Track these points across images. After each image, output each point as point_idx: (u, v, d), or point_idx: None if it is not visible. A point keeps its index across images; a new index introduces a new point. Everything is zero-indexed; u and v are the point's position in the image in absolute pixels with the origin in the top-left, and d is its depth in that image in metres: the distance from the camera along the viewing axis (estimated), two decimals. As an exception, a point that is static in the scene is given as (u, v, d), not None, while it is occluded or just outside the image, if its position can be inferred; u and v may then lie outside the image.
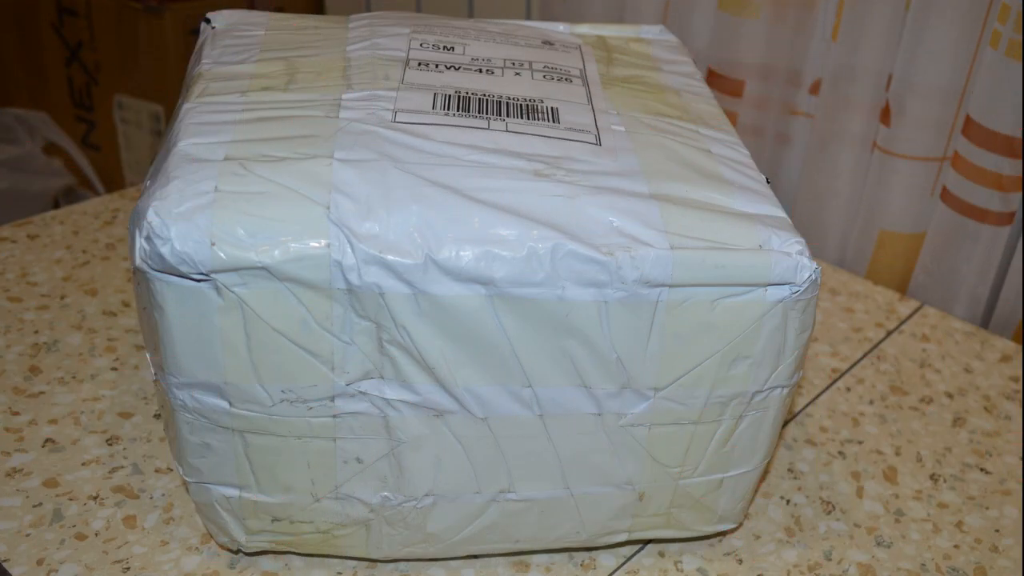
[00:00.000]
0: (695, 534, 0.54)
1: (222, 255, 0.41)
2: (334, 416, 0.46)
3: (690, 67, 0.61)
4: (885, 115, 0.80)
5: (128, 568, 0.52)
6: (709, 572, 0.54)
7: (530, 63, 0.56)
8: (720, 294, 0.45)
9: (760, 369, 0.47)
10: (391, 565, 0.53)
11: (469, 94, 0.51)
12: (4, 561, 0.51)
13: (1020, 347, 0.75)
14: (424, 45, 0.56)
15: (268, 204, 0.42)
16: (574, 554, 0.55)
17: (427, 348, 0.44)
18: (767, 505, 0.59)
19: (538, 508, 0.50)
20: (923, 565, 0.56)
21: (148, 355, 0.48)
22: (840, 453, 0.64)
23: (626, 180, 0.47)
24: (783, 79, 0.86)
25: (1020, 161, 0.74)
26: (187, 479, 0.49)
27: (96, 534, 0.53)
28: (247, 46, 0.54)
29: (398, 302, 0.43)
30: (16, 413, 0.61)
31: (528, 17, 1.10)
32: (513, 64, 0.56)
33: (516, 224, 0.43)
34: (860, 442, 0.65)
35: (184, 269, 0.42)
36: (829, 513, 0.59)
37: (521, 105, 0.51)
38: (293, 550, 0.51)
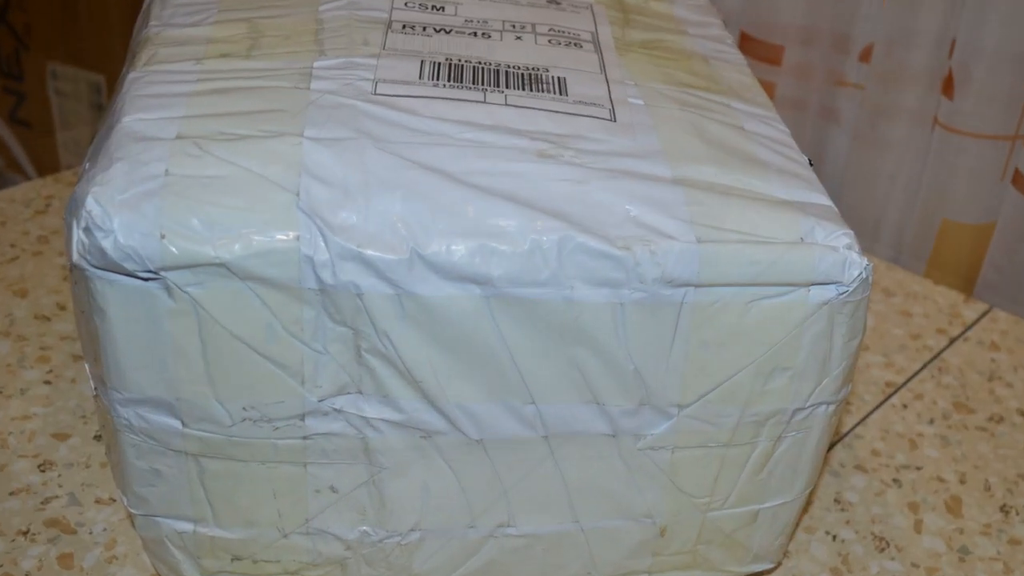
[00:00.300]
0: (726, 575, 0.54)
1: (173, 249, 0.41)
2: (304, 438, 0.46)
3: (720, 30, 0.61)
4: (948, 86, 0.80)
5: (64, 615, 0.52)
6: (742, 620, 0.54)
7: (533, 25, 0.56)
8: (755, 295, 0.45)
9: (802, 382, 0.48)
10: (371, 611, 0.53)
11: (462, 62, 0.51)
12: (-81, 607, 0.51)
13: (1105, 357, 0.76)
14: (409, 4, 0.56)
15: (227, 190, 0.42)
16: (584, 599, 0.55)
17: (413, 358, 0.44)
18: (810, 541, 0.59)
19: (542, 545, 0.50)
20: (992, 611, 0.56)
21: (87, 366, 0.48)
22: (895, 481, 0.64)
23: (645, 162, 0.47)
24: (828, 44, 0.86)
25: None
26: (133, 511, 0.49)
27: (26, 575, 0.53)
28: (203, 5, 0.55)
29: (379, 304, 0.43)
30: (-67, 434, 0.61)
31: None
32: (513, 26, 0.56)
33: (517, 213, 0.43)
34: (919, 468, 0.65)
35: (129, 266, 0.42)
36: (882, 551, 0.59)
37: (523, 74, 0.51)
38: (256, 594, 0.51)
